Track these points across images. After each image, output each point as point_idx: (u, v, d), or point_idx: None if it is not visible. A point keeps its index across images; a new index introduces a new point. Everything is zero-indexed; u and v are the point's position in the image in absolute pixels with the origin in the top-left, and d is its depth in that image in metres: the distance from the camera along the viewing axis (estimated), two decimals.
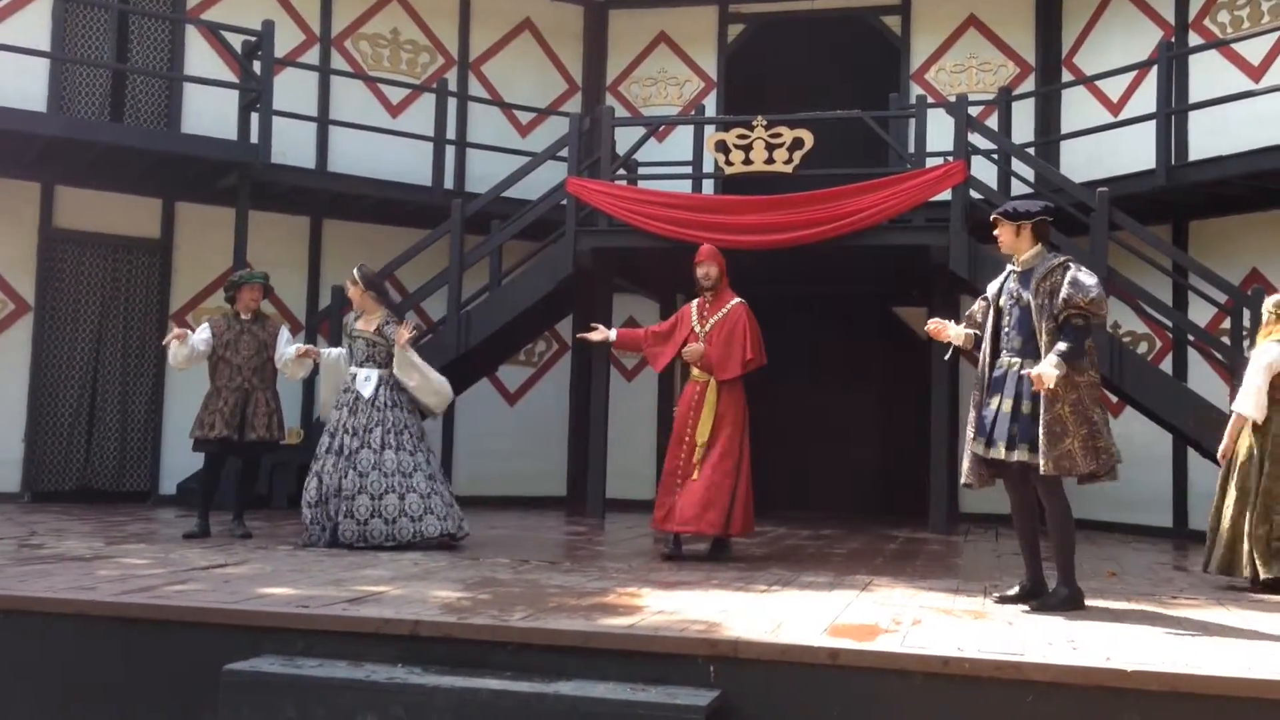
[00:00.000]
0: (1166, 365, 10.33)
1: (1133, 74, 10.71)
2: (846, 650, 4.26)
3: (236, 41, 10.56)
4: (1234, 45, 10.06)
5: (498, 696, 4.16)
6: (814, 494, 12.42)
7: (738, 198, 10.13)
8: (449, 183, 11.72)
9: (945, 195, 9.69)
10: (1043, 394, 5.41)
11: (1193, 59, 10.36)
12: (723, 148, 10.08)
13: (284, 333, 8.19)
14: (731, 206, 9.95)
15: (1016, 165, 10.69)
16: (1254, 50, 9.97)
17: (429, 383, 7.84)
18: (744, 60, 12.75)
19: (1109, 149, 10.68)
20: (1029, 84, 11.83)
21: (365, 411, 7.63)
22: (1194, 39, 10.51)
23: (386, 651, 4.53)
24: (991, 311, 5.81)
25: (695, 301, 7.78)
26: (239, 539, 7.68)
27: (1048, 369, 5.36)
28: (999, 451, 5.59)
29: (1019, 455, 5.54)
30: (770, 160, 9.92)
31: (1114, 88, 10.99)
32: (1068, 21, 11.69)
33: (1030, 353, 5.58)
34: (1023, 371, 5.56)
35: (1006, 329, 5.72)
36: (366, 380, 7.73)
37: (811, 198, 9.70)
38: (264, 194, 10.85)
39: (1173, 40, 10.48)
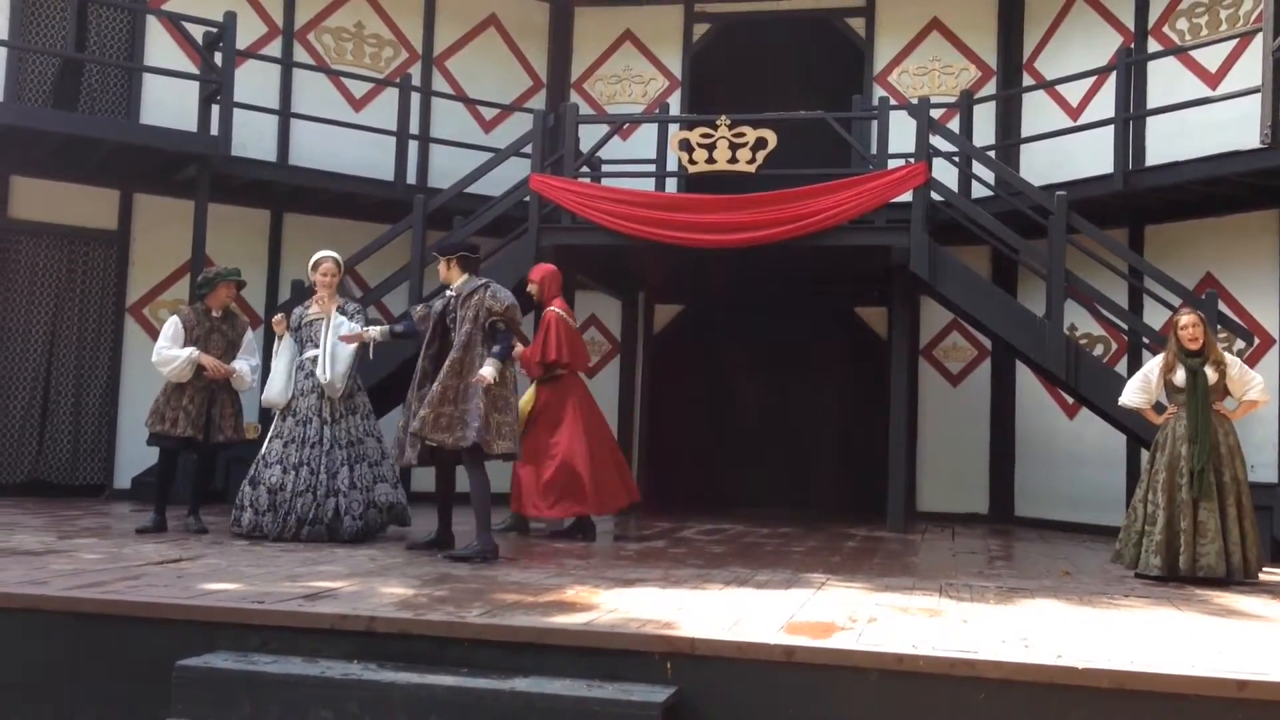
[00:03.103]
0: (1122, 367, 10.44)
1: (1092, 79, 10.84)
2: (802, 647, 4.29)
3: (198, 33, 10.45)
4: (1192, 52, 10.19)
5: (453, 693, 4.15)
6: (773, 492, 12.47)
7: (701, 196, 10.14)
8: (411, 178, 11.67)
9: (906, 197, 9.76)
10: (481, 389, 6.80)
11: (1151, 65, 10.49)
12: (686, 146, 10.10)
13: (248, 336, 8.11)
14: (694, 205, 9.97)
15: (977, 168, 10.78)
16: (1211, 58, 10.10)
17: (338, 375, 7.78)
18: (708, 60, 12.78)
19: (1068, 153, 10.80)
20: (990, 88, 11.94)
21: (329, 401, 7.69)
22: (1153, 45, 10.64)
23: (342, 648, 4.51)
24: (434, 322, 7.18)
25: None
26: (194, 534, 7.61)
27: (488, 370, 6.82)
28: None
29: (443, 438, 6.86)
30: (733, 160, 9.95)
31: (1074, 92, 11.10)
32: (1029, 26, 11.80)
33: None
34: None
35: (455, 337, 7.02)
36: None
37: (774, 197, 9.74)
38: (224, 186, 10.75)
39: (1132, 46, 10.61)
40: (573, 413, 8.31)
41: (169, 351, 7.73)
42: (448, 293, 7.30)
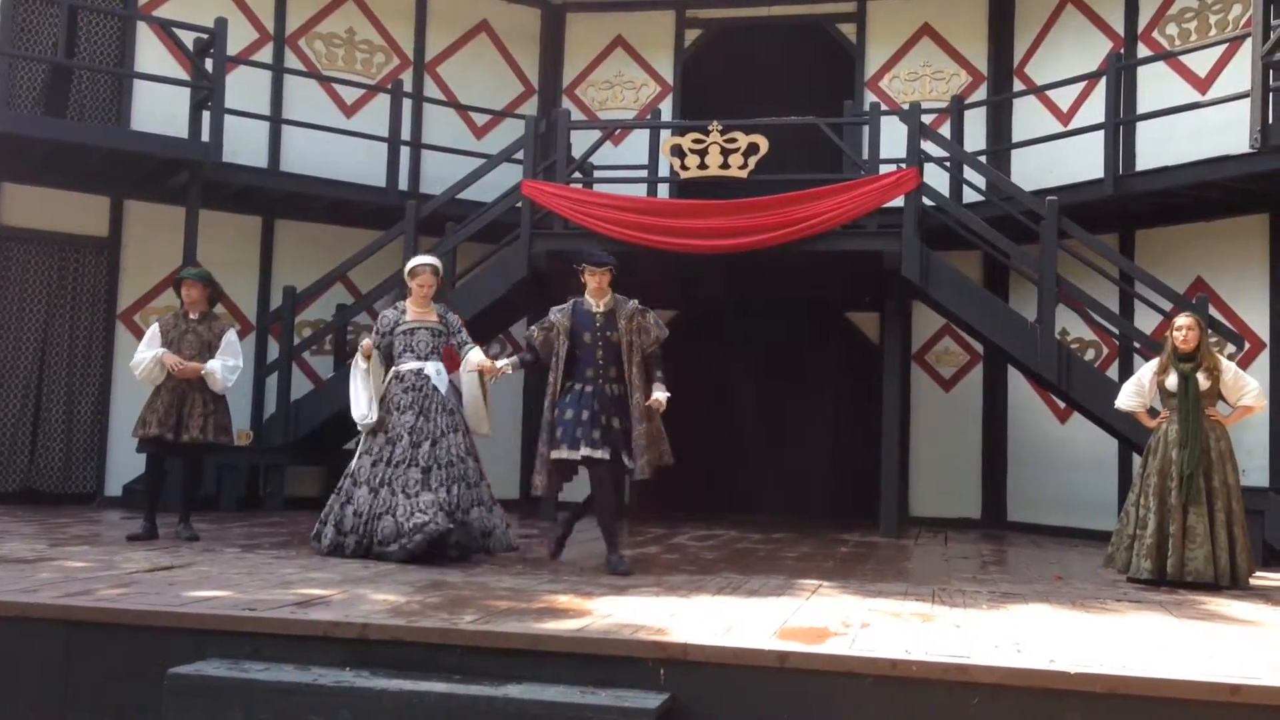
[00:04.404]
0: (1113, 372, 10.47)
1: (1083, 84, 10.87)
2: (795, 653, 4.29)
3: (188, 39, 10.44)
4: (1181, 58, 10.22)
5: (446, 700, 4.14)
6: (766, 498, 12.46)
7: (693, 202, 10.15)
8: (403, 184, 11.66)
9: (898, 202, 9.78)
10: (652, 411, 6.80)
11: (1141, 70, 10.52)
12: (678, 152, 10.12)
13: (229, 338, 7.91)
14: (686, 210, 9.98)
15: (968, 173, 10.80)
16: (1201, 63, 10.14)
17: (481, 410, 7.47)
18: (700, 65, 12.80)
19: (1059, 158, 10.83)
20: (981, 93, 11.96)
21: (439, 414, 7.24)
22: (1143, 50, 10.67)
23: (334, 655, 4.50)
24: (564, 339, 6.92)
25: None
26: (186, 541, 7.59)
27: (666, 395, 6.80)
28: (586, 450, 6.71)
29: (601, 454, 6.71)
30: (725, 165, 9.96)
31: (1064, 97, 11.13)
32: (1020, 32, 11.84)
33: (617, 378, 6.85)
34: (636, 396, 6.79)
35: (600, 357, 6.85)
36: (440, 374, 7.35)
37: (766, 203, 9.76)
38: (215, 193, 10.73)
39: (1122, 52, 10.64)
40: None
41: (139, 355, 7.72)
42: (592, 308, 6.96)
